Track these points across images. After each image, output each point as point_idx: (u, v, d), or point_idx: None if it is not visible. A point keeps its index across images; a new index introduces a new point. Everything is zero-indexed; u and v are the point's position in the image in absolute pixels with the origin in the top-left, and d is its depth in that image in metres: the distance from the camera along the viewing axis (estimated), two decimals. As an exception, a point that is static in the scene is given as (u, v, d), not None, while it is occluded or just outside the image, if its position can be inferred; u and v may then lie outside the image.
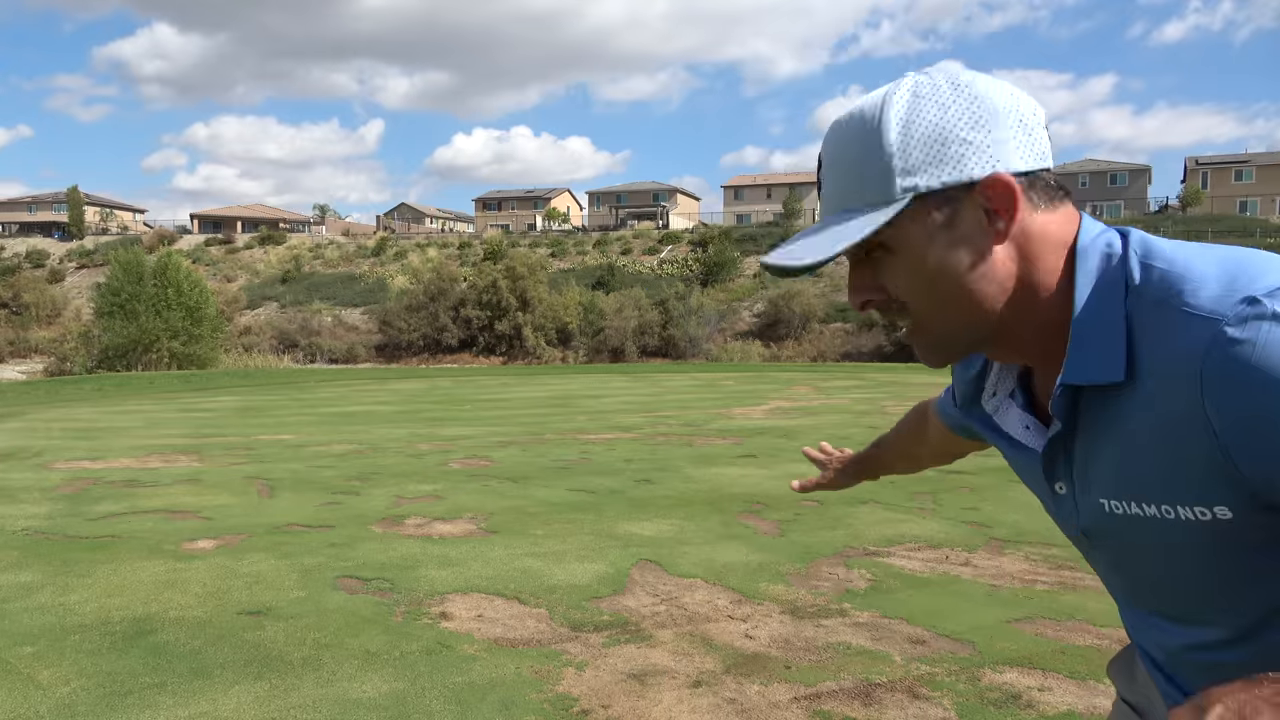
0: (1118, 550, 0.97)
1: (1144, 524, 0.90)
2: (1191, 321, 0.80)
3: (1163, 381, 0.82)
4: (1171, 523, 0.87)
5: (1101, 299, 0.87)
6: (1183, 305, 0.81)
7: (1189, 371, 0.80)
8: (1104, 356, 0.86)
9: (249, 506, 7.40)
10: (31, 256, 68.86)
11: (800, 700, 3.52)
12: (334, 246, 68.93)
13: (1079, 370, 0.88)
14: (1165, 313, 0.82)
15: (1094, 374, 0.87)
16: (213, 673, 3.82)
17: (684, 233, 63.71)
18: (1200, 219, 55.45)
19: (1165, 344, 0.82)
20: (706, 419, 14.34)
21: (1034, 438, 0.99)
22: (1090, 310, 0.87)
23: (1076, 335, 0.88)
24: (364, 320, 55.74)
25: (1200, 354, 0.79)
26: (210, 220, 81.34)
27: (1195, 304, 0.80)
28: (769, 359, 43.32)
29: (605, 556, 5.65)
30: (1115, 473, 0.90)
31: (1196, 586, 0.92)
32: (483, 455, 10.33)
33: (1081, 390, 0.89)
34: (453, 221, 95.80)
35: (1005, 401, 1.04)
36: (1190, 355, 0.79)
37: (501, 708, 3.46)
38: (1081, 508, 0.96)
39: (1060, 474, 0.97)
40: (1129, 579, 1.01)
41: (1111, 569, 1.02)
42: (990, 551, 5.69)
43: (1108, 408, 0.88)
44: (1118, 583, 1.04)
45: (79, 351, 40.90)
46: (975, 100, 0.87)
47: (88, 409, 17.85)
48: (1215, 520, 0.84)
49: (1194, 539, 0.87)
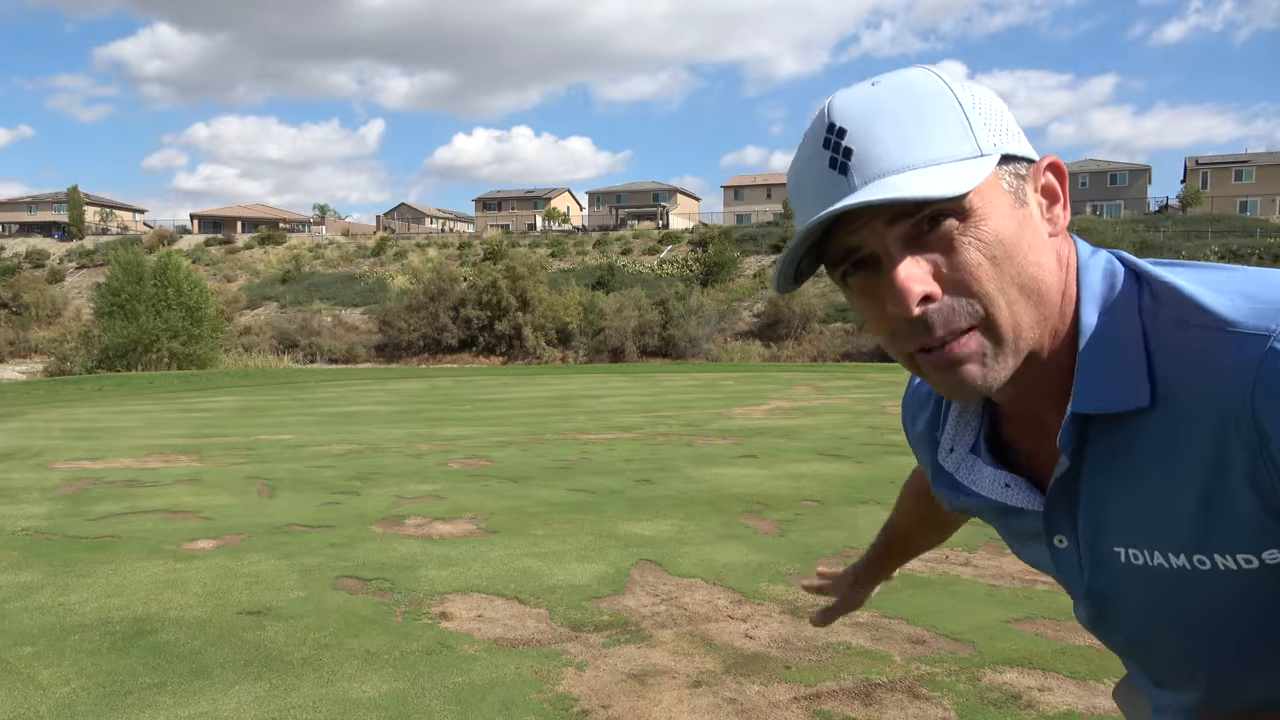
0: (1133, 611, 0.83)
1: (1168, 578, 0.77)
2: (1230, 338, 0.70)
3: (1196, 406, 0.72)
4: (1205, 574, 0.75)
5: (1113, 318, 0.77)
6: (1216, 320, 0.72)
7: (1234, 393, 0.70)
8: (1122, 380, 0.75)
9: (249, 506, 7.40)
10: (31, 256, 68.85)
11: (800, 700, 3.52)
12: (334, 246, 68.92)
13: (1093, 397, 0.76)
14: (1195, 332, 0.73)
15: (1112, 400, 0.75)
16: (213, 673, 3.82)
17: (684, 233, 63.70)
18: (1200, 219, 55.44)
19: (1197, 364, 0.72)
20: (706, 419, 14.34)
21: (1021, 495, 0.85)
22: (1102, 330, 0.77)
23: (1087, 358, 0.77)
24: (364, 320, 55.72)
25: (1251, 373, 0.69)
26: (210, 220, 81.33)
27: (1233, 319, 0.71)
28: (769, 359, 43.32)
29: (605, 556, 5.65)
30: (1134, 516, 0.78)
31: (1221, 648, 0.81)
32: (483, 455, 10.33)
33: (1091, 421, 0.78)
34: (453, 221, 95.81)
35: (968, 458, 0.89)
36: (1237, 375, 0.69)
37: (501, 708, 3.46)
38: (1088, 562, 0.83)
39: (1061, 524, 0.83)
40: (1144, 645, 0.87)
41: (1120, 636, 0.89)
42: (990, 551, 5.69)
43: (1123, 441, 0.77)
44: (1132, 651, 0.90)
45: (79, 351, 40.89)
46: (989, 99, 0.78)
47: (88, 409, 17.85)
48: (1263, 567, 0.73)
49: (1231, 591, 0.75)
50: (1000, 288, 0.74)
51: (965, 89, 0.76)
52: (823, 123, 0.76)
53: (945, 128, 0.73)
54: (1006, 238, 0.74)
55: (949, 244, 0.73)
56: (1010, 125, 0.77)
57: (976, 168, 0.72)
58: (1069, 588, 0.88)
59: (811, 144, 0.78)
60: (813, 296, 48.03)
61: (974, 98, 0.76)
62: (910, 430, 1.03)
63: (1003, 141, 0.75)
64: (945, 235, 0.73)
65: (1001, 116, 0.77)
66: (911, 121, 0.74)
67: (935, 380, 0.78)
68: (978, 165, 0.72)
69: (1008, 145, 0.75)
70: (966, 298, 0.74)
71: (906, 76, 0.77)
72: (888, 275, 0.74)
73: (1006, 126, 0.76)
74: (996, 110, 0.77)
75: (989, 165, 0.73)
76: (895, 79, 0.77)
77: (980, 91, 0.77)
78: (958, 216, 0.72)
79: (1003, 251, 0.73)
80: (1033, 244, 0.75)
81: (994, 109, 0.76)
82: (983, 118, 0.75)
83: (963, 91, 0.75)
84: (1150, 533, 0.77)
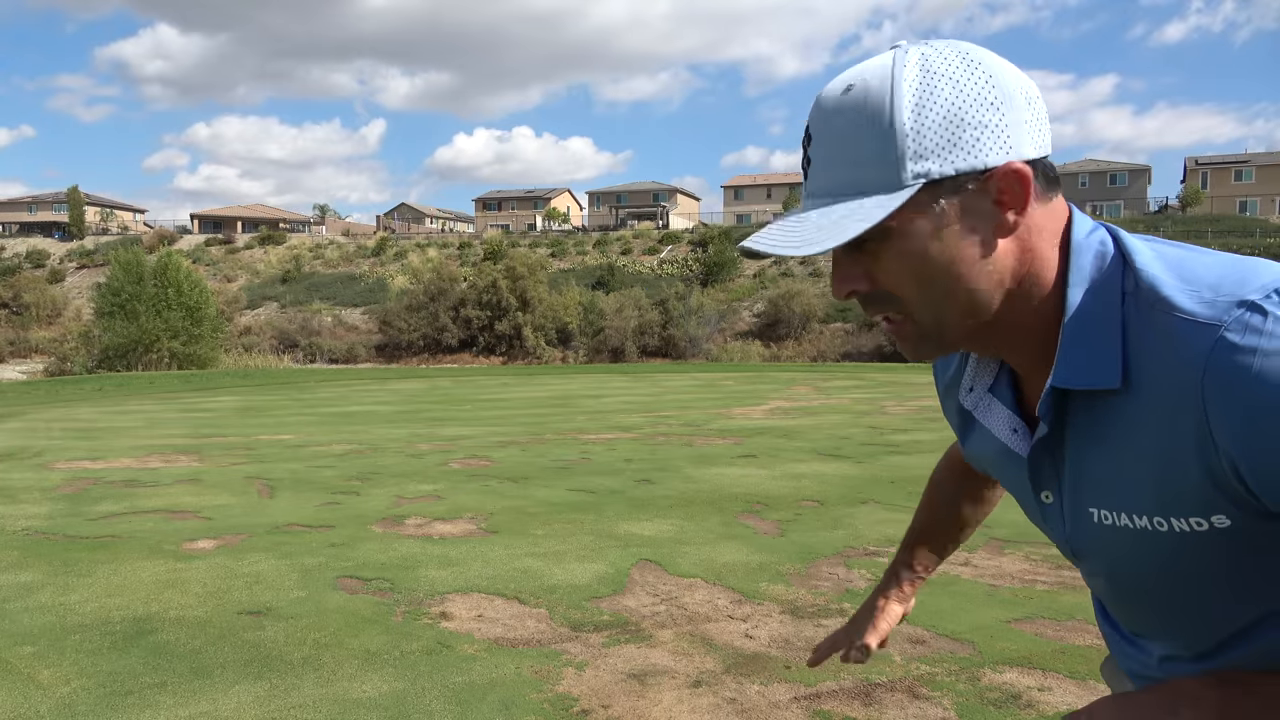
0: (1105, 562, 0.93)
1: (1133, 536, 0.86)
2: (1189, 328, 0.77)
3: (1160, 390, 0.79)
4: (1164, 535, 0.83)
5: (1096, 300, 0.83)
6: (1178, 310, 0.78)
7: (1189, 380, 0.76)
8: (1098, 360, 0.82)
9: (249, 506, 7.40)
10: (32, 256, 68.86)
11: (800, 700, 3.52)
12: (334, 246, 68.92)
13: (1070, 374, 0.84)
14: (1161, 318, 0.79)
15: (1087, 378, 0.83)
16: (213, 673, 3.82)
17: (684, 233, 63.71)
18: (1200, 219, 55.46)
19: (1162, 351, 0.78)
20: (706, 419, 14.34)
21: (1020, 441, 0.93)
22: (1084, 311, 0.83)
23: (1068, 336, 0.84)
24: (364, 320, 55.73)
25: (1201, 362, 0.75)
26: (210, 220, 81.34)
27: (1191, 309, 0.77)
28: (769, 359, 43.31)
29: (605, 556, 5.65)
30: (1106, 481, 0.86)
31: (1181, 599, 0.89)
32: (483, 455, 10.33)
33: (1069, 394, 0.85)
34: (453, 221, 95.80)
35: (986, 398, 0.97)
36: (1190, 363, 0.76)
37: (501, 708, 3.46)
38: (1069, 518, 0.92)
39: (1047, 481, 0.92)
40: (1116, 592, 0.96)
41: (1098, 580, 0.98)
42: (990, 551, 5.69)
43: (1098, 414, 0.84)
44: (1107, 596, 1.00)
45: (79, 351, 40.89)
46: (990, 78, 0.80)
47: (88, 409, 17.85)
48: (1212, 529, 0.81)
49: (1185, 550, 0.83)
50: (919, 293, 0.84)
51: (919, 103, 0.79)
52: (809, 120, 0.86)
53: (872, 159, 0.80)
54: (928, 255, 0.82)
55: (873, 256, 0.84)
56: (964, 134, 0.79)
57: (880, 206, 0.79)
58: (1051, 537, 0.98)
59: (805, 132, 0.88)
60: (813, 296, 48.05)
61: (921, 114, 0.79)
62: (941, 377, 1.09)
63: (939, 162, 0.79)
64: (874, 250, 0.83)
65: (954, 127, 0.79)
66: (847, 148, 0.82)
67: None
68: (882, 203, 0.80)
69: (945, 165, 0.79)
70: (889, 298, 0.86)
71: (866, 88, 0.81)
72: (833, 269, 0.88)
73: (956, 139, 0.79)
74: (951, 119, 0.79)
75: (896, 201, 0.79)
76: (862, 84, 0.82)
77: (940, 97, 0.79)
78: (877, 238, 0.81)
79: (922, 266, 0.82)
80: (957, 258, 0.82)
81: (947, 120, 0.79)
82: (922, 140, 0.79)
83: (911, 110, 0.79)
84: (1118, 497, 0.85)
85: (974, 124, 0.80)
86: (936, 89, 0.79)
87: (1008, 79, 0.81)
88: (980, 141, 0.80)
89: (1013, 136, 0.81)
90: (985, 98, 0.80)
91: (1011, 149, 0.80)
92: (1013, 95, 0.81)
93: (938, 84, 0.80)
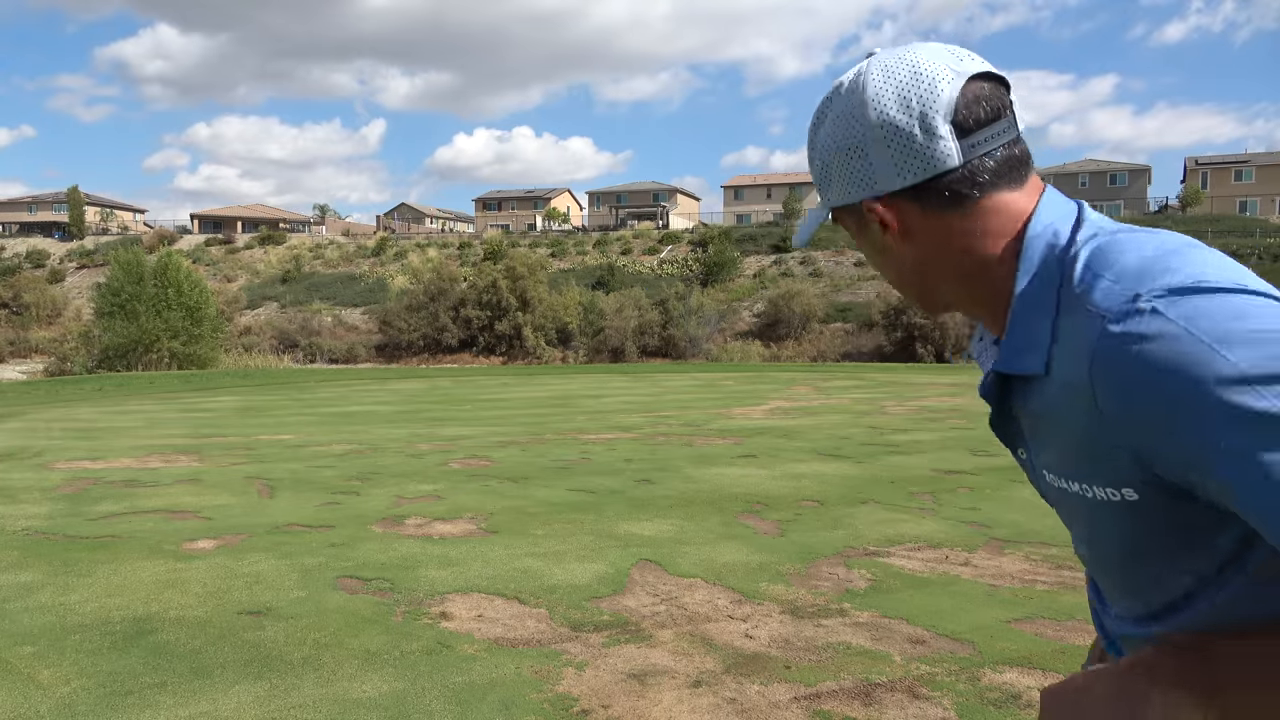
0: (1064, 519, 1.01)
1: (1074, 499, 0.93)
2: (1088, 317, 0.83)
3: (1068, 374, 0.85)
4: (1092, 500, 0.90)
5: (1036, 289, 0.89)
6: (1086, 301, 0.84)
7: (1080, 364, 0.83)
8: (1030, 346, 0.89)
9: (249, 506, 7.40)
10: (32, 256, 68.85)
11: (800, 700, 3.52)
12: (334, 246, 68.91)
13: (1007, 358, 0.92)
14: (1077, 307, 0.85)
15: (1017, 364, 0.91)
16: (213, 673, 3.82)
17: (684, 233, 63.68)
18: (1200, 219, 55.44)
19: (1071, 339, 0.85)
20: (706, 419, 14.34)
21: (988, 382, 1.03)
22: (1025, 299, 0.90)
23: (1011, 324, 0.91)
24: (364, 320, 55.71)
25: (1088, 351, 0.82)
26: (210, 220, 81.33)
27: (1092, 301, 0.83)
28: (769, 359, 43.30)
29: (605, 556, 5.65)
30: (1047, 448, 0.93)
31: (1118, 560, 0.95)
32: (483, 455, 10.33)
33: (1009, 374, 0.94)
34: (453, 221, 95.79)
35: (991, 349, 1.03)
36: (1083, 350, 0.83)
37: (501, 708, 3.46)
38: (1036, 476, 1.01)
39: (1018, 440, 1.00)
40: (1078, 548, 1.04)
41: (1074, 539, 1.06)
42: (990, 551, 5.69)
43: (1032, 393, 0.92)
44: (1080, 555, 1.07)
45: (79, 351, 40.87)
46: (860, 124, 0.92)
47: (88, 409, 17.85)
48: (1124, 501, 0.87)
49: (1112, 516, 0.89)
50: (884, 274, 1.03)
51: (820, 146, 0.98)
52: None
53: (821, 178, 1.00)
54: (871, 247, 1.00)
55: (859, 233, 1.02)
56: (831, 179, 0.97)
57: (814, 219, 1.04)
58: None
59: None
60: (813, 297, 48.07)
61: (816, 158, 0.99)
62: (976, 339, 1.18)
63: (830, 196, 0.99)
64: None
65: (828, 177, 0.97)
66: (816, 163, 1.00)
67: None
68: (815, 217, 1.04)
69: (833, 198, 0.98)
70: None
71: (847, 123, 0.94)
72: None
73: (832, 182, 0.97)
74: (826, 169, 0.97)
75: (820, 218, 1.03)
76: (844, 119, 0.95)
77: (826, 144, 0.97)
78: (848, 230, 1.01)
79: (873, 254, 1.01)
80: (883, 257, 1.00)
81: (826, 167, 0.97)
82: (820, 177, 0.99)
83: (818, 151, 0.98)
84: (1057, 463, 0.93)
85: (836, 171, 0.97)
86: (826, 136, 0.97)
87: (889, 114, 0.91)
88: (847, 183, 0.96)
89: (875, 174, 0.93)
90: (846, 146, 0.94)
91: (875, 185, 0.93)
92: (869, 142, 0.92)
93: (828, 131, 0.96)
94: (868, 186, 0.93)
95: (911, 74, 0.90)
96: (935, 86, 0.89)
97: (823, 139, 0.96)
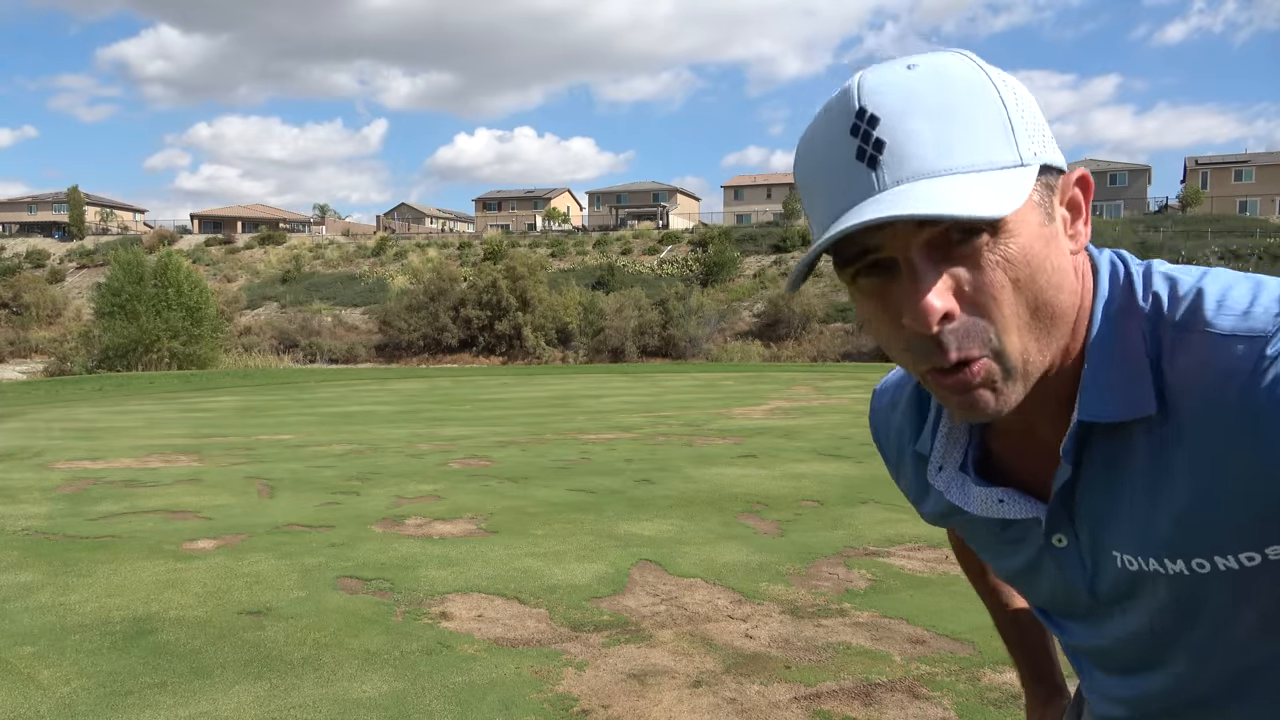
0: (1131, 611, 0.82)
1: (1164, 582, 0.77)
2: (1230, 343, 0.70)
3: (1199, 414, 0.71)
4: (1203, 577, 0.75)
5: (1119, 326, 0.75)
6: (1214, 326, 0.71)
7: (1231, 399, 0.69)
8: (1129, 389, 0.73)
9: (249, 506, 7.40)
10: (32, 256, 68.83)
11: (800, 700, 3.52)
12: (334, 246, 68.89)
13: (1100, 405, 0.74)
14: (1192, 336, 0.72)
15: (1119, 409, 0.74)
16: (213, 673, 3.82)
17: (684, 233, 63.67)
18: (1200, 219, 55.41)
19: (1200, 371, 0.71)
20: (706, 419, 14.34)
21: (1017, 506, 0.83)
22: (1109, 339, 0.75)
23: (1093, 365, 0.75)
24: (364, 320, 55.70)
25: (1247, 376, 0.68)
26: (210, 220, 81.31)
27: (1231, 325, 0.71)
28: (769, 359, 43.30)
29: (605, 556, 5.65)
30: (1133, 524, 0.77)
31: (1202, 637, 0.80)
32: (483, 455, 10.32)
33: (1093, 428, 0.76)
34: (453, 221, 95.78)
35: (958, 477, 0.87)
36: (1236, 378, 0.69)
37: (501, 708, 3.46)
38: (1089, 562, 0.82)
39: (1060, 525, 0.82)
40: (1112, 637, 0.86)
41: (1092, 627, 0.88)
42: (990, 551, 5.69)
43: (1121, 447, 0.76)
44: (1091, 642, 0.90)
45: (79, 351, 40.88)
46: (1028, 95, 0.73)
47: (88, 409, 17.85)
48: (1265, 562, 0.72)
49: (1223, 590, 0.75)
50: (1015, 312, 0.70)
51: (1008, 85, 0.70)
52: (850, 105, 0.70)
53: (988, 130, 0.68)
54: (1033, 258, 0.69)
55: (976, 261, 0.68)
56: (1046, 130, 0.72)
57: (1019, 180, 0.67)
58: (1064, 588, 0.86)
59: (834, 126, 0.71)
60: (813, 296, 48.00)
61: (1016, 96, 0.70)
62: (886, 446, 0.99)
63: (1042, 149, 0.70)
64: (974, 251, 0.68)
65: (1039, 119, 0.71)
66: (952, 118, 0.68)
67: (948, 401, 0.74)
68: (1020, 177, 0.67)
69: (1046, 154, 0.70)
70: (983, 320, 0.69)
71: (945, 63, 0.70)
72: (908, 286, 0.69)
73: (1044, 131, 0.71)
74: (1035, 112, 0.71)
75: (1030, 177, 0.68)
76: (933, 64, 0.70)
77: (1020, 89, 0.71)
78: (990, 231, 0.68)
79: (1027, 273, 0.69)
80: (1056, 265, 0.71)
81: (1033, 111, 0.71)
82: (1025, 121, 0.69)
83: (1005, 88, 0.70)
84: (1145, 540, 0.76)
85: (1042, 122, 0.72)
86: (1006, 81, 0.71)
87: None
88: (1050, 140, 0.71)
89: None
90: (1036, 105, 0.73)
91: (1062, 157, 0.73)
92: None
93: (1003, 77, 0.71)
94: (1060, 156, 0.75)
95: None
96: None
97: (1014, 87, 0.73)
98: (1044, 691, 1.23)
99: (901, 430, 0.95)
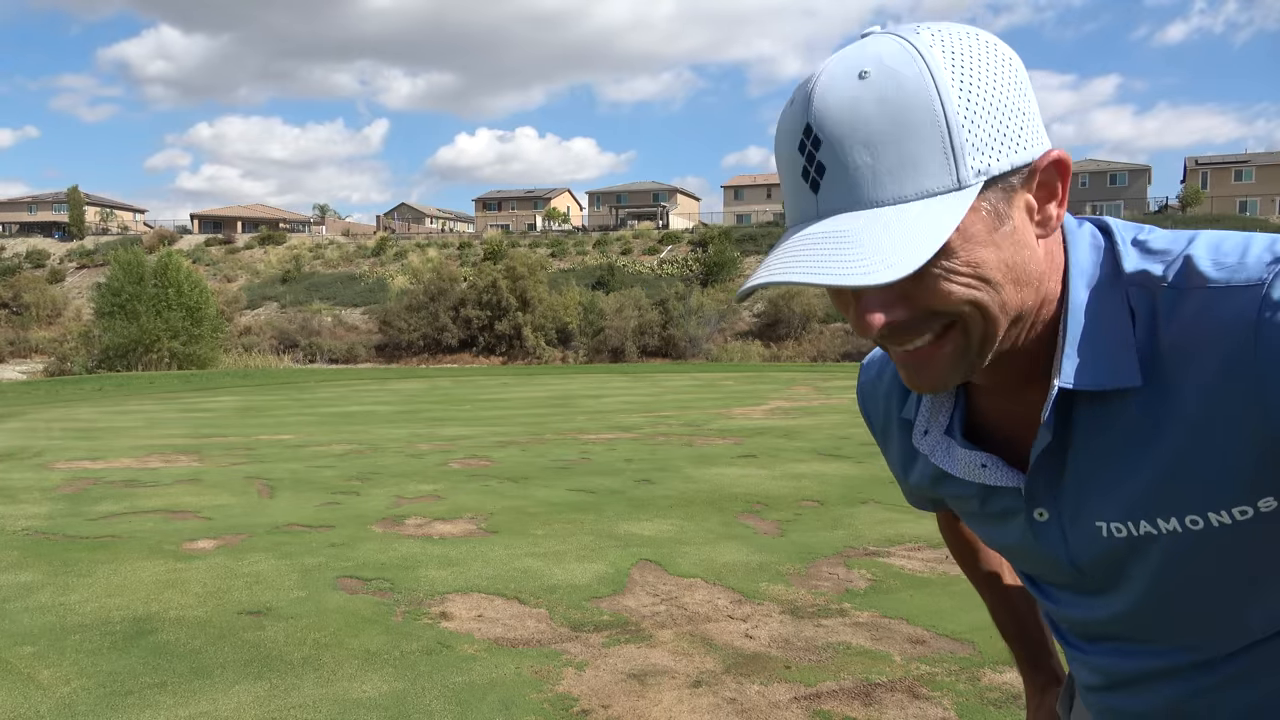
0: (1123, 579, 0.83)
1: (1153, 543, 0.78)
2: (1227, 294, 0.71)
3: (1190, 371, 0.72)
4: (1197, 534, 0.76)
5: (1100, 294, 0.76)
6: (1208, 281, 0.72)
7: (1232, 349, 0.70)
8: (1112, 357, 0.75)
9: (249, 506, 7.40)
10: (32, 256, 68.83)
11: (800, 700, 3.52)
12: (334, 246, 68.90)
13: (1082, 374, 0.75)
14: (1189, 293, 0.73)
15: (1101, 378, 0.75)
16: (213, 673, 3.82)
17: (684, 233, 63.68)
18: (1200, 219, 55.41)
19: (1196, 325, 0.72)
20: (706, 419, 14.34)
21: (999, 473, 0.84)
22: (1090, 307, 0.76)
23: (1074, 334, 0.76)
24: (364, 320, 55.70)
25: (1249, 325, 0.69)
26: (210, 220, 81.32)
27: (1224, 277, 0.71)
28: (769, 359, 43.30)
29: (605, 556, 5.65)
30: (1122, 490, 0.78)
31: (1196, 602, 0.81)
32: (483, 455, 10.33)
33: (1076, 397, 0.77)
34: (453, 221, 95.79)
35: (943, 440, 0.88)
36: (1235, 329, 0.70)
37: (501, 708, 3.46)
38: (1071, 535, 0.83)
39: (1042, 498, 0.83)
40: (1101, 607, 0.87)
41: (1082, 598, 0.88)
42: (990, 551, 5.69)
43: (1108, 417, 0.77)
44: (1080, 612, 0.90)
45: (79, 351, 40.88)
46: (1009, 60, 0.72)
47: (88, 409, 17.85)
48: (1258, 515, 0.74)
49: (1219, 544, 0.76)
50: (971, 305, 0.72)
51: (962, 89, 0.69)
52: (800, 119, 0.71)
53: (927, 154, 0.68)
54: (981, 265, 0.70)
55: (917, 277, 0.69)
56: (1010, 122, 0.70)
57: (946, 211, 0.67)
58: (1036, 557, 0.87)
59: (790, 133, 0.72)
60: (813, 296, 47.98)
61: (970, 101, 0.69)
62: (874, 416, 1.02)
63: (996, 156, 0.69)
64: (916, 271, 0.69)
65: (1001, 115, 0.70)
66: (888, 146, 0.68)
67: (902, 373, 0.79)
68: (950, 204, 0.68)
69: (1000, 159, 0.70)
70: (931, 318, 0.72)
71: (896, 70, 0.69)
72: (851, 300, 0.73)
73: (1004, 129, 0.70)
74: (996, 106, 0.70)
75: (966, 200, 0.68)
76: (885, 73, 0.69)
77: (981, 82, 0.69)
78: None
79: (975, 276, 0.71)
80: (1010, 262, 0.72)
81: (993, 107, 0.69)
82: (976, 129, 0.69)
83: (956, 96, 0.68)
84: (1135, 503, 0.78)
85: (1016, 111, 0.71)
86: (973, 74, 0.69)
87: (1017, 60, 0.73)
88: (1024, 131, 0.71)
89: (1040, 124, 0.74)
90: (1017, 81, 0.71)
91: (1044, 137, 0.73)
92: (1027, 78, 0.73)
93: (972, 69, 0.69)
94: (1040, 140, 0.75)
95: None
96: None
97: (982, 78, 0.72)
98: (1042, 679, 1.25)
99: (889, 396, 0.98)
